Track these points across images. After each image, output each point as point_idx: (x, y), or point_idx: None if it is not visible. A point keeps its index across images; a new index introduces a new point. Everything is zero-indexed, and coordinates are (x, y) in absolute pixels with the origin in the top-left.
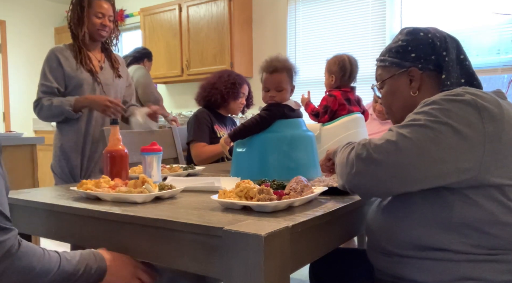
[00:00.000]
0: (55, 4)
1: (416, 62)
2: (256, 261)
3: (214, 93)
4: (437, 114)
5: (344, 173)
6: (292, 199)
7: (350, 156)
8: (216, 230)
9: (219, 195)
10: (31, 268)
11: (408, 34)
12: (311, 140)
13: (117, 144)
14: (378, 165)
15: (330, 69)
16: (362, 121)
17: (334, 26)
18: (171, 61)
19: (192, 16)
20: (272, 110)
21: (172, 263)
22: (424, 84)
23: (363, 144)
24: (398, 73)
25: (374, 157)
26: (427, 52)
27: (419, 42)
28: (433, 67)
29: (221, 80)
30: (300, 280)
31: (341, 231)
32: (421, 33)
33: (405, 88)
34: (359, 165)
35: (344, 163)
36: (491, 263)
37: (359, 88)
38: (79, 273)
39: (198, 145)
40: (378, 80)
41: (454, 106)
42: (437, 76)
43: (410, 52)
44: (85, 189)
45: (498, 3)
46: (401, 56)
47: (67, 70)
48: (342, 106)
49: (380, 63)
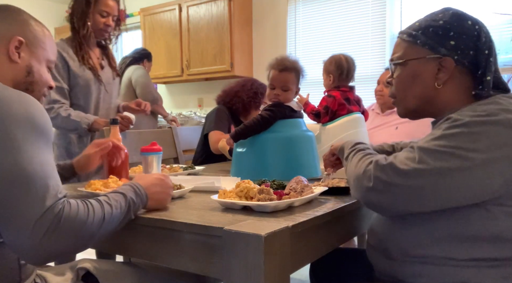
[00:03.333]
0: (55, 4)
1: (453, 52)
2: (256, 261)
3: (236, 101)
4: (465, 141)
5: (359, 187)
6: (292, 199)
7: (366, 172)
8: (216, 230)
9: (219, 195)
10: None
11: (454, 17)
12: (311, 140)
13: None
14: (398, 187)
15: (327, 69)
16: (362, 121)
17: (334, 26)
18: (171, 61)
19: (192, 16)
20: (274, 111)
21: (172, 263)
22: (453, 79)
23: (381, 166)
24: (428, 57)
25: (395, 181)
26: (468, 45)
27: (464, 31)
28: (468, 63)
29: (244, 89)
30: (300, 280)
31: (341, 231)
32: (469, 21)
33: (430, 76)
34: (378, 185)
35: (360, 177)
36: (495, 268)
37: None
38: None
39: (217, 133)
40: (398, 57)
41: (485, 130)
42: (469, 75)
43: (451, 38)
44: (94, 189)
45: (498, 3)
46: (439, 39)
47: (72, 68)
48: (341, 106)
49: (409, 38)
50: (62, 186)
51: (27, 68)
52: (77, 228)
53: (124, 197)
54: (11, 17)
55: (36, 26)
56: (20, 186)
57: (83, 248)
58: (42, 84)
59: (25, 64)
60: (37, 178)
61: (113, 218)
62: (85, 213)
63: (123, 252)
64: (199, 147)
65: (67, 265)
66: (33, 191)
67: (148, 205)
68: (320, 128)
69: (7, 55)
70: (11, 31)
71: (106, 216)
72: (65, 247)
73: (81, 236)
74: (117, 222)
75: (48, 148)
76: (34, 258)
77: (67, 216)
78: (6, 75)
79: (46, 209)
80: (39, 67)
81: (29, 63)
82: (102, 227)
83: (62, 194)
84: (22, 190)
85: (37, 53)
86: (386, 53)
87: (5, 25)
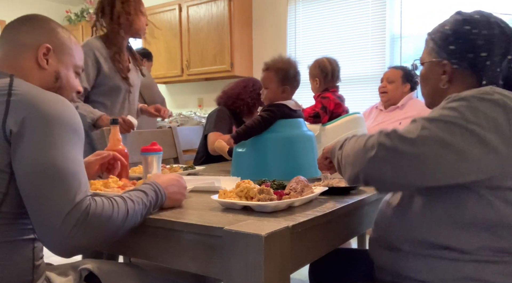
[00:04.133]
0: (55, 4)
1: (451, 56)
2: (256, 261)
3: (239, 104)
4: (464, 112)
5: (360, 160)
6: (292, 199)
7: (368, 143)
8: (216, 230)
9: (219, 195)
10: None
11: (455, 22)
12: (311, 140)
13: (117, 144)
14: (400, 154)
15: (312, 74)
16: (362, 121)
17: (334, 26)
18: (171, 61)
19: (192, 16)
20: (273, 111)
21: (172, 263)
22: (455, 80)
23: (386, 133)
24: (434, 60)
25: (398, 147)
26: (465, 49)
27: (460, 36)
28: (468, 65)
29: (246, 90)
30: (300, 280)
31: (341, 231)
32: (467, 26)
33: (436, 78)
34: (381, 152)
35: (360, 150)
36: (495, 264)
37: (360, 89)
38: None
39: (217, 133)
40: (420, 59)
41: (482, 105)
42: (471, 75)
43: (450, 43)
44: (94, 189)
45: (498, 3)
46: (441, 44)
47: (104, 69)
48: (338, 105)
49: (426, 42)
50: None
51: (55, 74)
52: (103, 222)
53: (145, 194)
54: (39, 26)
55: (63, 33)
56: (54, 181)
57: (108, 242)
58: (70, 89)
59: (53, 70)
60: (69, 174)
61: (136, 213)
62: (110, 208)
63: (124, 252)
64: (200, 147)
65: (70, 265)
66: (65, 186)
67: (165, 203)
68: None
69: (36, 62)
70: (40, 39)
71: (130, 212)
72: (92, 241)
73: (107, 230)
74: (139, 218)
75: (80, 147)
76: (63, 250)
77: (94, 211)
78: (36, 81)
79: (76, 204)
80: (66, 73)
81: (57, 69)
82: (126, 221)
83: (89, 192)
84: (55, 185)
85: (65, 59)
86: (386, 53)
87: (33, 34)
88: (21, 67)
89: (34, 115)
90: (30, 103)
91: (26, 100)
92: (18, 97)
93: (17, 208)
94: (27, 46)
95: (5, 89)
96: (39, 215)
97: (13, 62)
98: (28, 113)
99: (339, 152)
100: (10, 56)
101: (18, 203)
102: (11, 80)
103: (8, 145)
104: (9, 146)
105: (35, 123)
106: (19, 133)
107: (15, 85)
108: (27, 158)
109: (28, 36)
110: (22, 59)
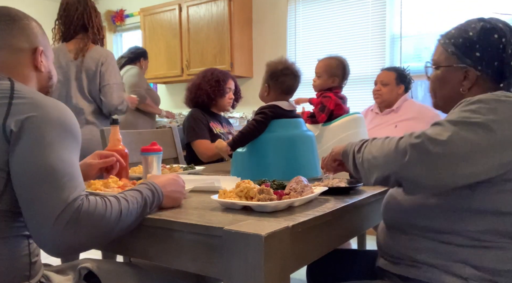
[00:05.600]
0: (55, 4)
1: (477, 63)
2: (256, 261)
3: (200, 94)
4: (485, 113)
5: (392, 163)
6: (292, 199)
7: (400, 145)
8: (216, 230)
9: (219, 195)
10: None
11: (482, 29)
12: (311, 140)
13: (117, 144)
14: (433, 156)
15: (332, 72)
16: (362, 121)
17: (334, 26)
18: (171, 61)
19: (192, 16)
20: (265, 112)
21: (172, 263)
22: (477, 86)
23: (417, 135)
24: (455, 66)
25: (430, 149)
26: (493, 57)
27: (489, 45)
28: (492, 73)
29: (205, 80)
30: (300, 280)
31: (341, 231)
32: (496, 35)
33: (456, 83)
34: (413, 155)
35: (391, 153)
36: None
37: (359, 89)
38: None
39: (203, 142)
40: (435, 61)
41: (500, 106)
42: (492, 82)
43: (476, 50)
44: (94, 189)
45: (498, 3)
46: (465, 50)
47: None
48: (338, 106)
49: (443, 46)
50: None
51: (48, 74)
52: (96, 221)
53: (140, 193)
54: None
55: (40, 28)
56: (49, 181)
57: (102, 241)
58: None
59: (47, 70)
60: (64, 175)
61: (130, 213)
62: (103, 207)
63: (123, 252)
64: (186, 156)
65: (70, 265)
66: (58, 186)
67: (164, 203)
68: (320, 128)
69: (33, 65)
70: (32, 43)
71: (123, 211)
72: (85, 240)
73: (99, 229)
74: (134, 217)
75: (77, 150)
76: (56, 250)
77: (86, 210)
78: (34, 84)
79: (68, 203)
80: (52, 67)
81: (49, 68)
82: (120, 221)
83: (84, 192)
84: (49, 185)
85: (49, 54)
86: (386, 53)
87: (26, 37)
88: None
89: (35, 117)
90: (33, 106)
91: (29, 103)
92: (21, 100)
93: (15, 206)
94: (24, 52)
95: (7, 92)
96: (32, 214)
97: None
98: (30, 115)
99: (358, 155)
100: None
101: (15, 201)
102: (12, 84)
103: (8, 144)
104: (8, 145)
105: (35, 125)
106: (18, 133)
107: (17, 89)
108: (23, 158)
109: (21, 41)
110: (19, 65)
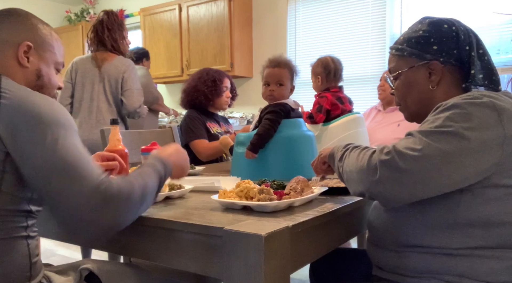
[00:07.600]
0: (55, 4)
1: (437, 55)
2: (256, 261)
3: (197, 95)
4: (459, 120)
5: (364, 181)
6: (292, 199)
7: (371, 162)
8: (216, 230)
9: (219, 195)
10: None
11: (430, 25)
12: (311, 140)
13: (117, 144)
14: (403, 172)
15: (315, 72)
16: (362, 121)
17: (334, 26)
18: (171, 61)
19: (192, 16)
20: (277, 111)
21: (172, 263)
22: (444, 78)
23: (386, 151)
24: (417, 65)
25: (400, 165)
26: (450, 46)
27: (442, 35)
28: (455, 61)
29: (201, 80)
30: (300, 280)
31: (341, 231)
32: (445, 25)
33: (423, 81)
34: (384, 172)
35: (364, 169)
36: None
37: (360, 89)
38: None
39: (201, 142)
40: (393, 70)
41: (474, 109)
42: (458, 71)
43: (433, 44)
44: None
45: (498, 3)
46: (422, 47)
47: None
48: (334, 106)
49: (397, 52)
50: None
51: (36, 72)
52: (125, 198)
53: (154, 169)
54: (19, 22)
55: (44, 29)
56: (67, 173)
57: (134, 217)
58: (52, 87)
59: (35, 68)
60: (78, 164)
61: (152, 188)
62: (127, 185)
63: (124, 252)
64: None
65: (70, 265)
66: (77, 175)
67: (173, 174)
68: (320, 128)
69: (17, 60)
70: (20, 36)
71: (145, 187)
72: (118, 218)
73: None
74: (154, 192)
75: (77, 137)
76: (87, 234)
77: (113, 189)
78: (19, 80)
79: (91, 188)
80: (47, 70)
81: (38, 67)
82: (145, 195)
83: (103, 174)
84: (69, 176)
85: (45, 56)
86: (386, 53)
87: (13, 31)
88: (3, 66)
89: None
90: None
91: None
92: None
93: (10, 205)
94: (8, 44)
95: None
96: (59, 206)
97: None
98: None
99: (339, 163)
100: None
101: (10, 201)
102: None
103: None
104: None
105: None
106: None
107: (4, 86)
108: (36, 162)
109: (9, 33)
110: (4, 57)
